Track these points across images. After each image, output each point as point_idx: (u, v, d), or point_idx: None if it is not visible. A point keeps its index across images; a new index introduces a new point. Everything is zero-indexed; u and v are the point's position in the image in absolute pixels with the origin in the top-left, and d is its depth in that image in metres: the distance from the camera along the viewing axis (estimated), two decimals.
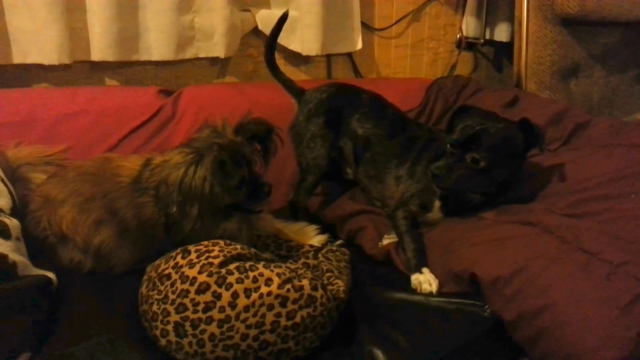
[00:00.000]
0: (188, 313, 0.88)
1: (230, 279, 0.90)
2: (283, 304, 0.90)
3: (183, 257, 0.95)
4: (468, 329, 0.96)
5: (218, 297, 0.89)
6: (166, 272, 0.94)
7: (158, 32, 1.62)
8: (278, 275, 0.92)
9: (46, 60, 1.50)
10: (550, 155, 1.26)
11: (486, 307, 0.97)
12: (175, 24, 1.63)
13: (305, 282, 0.93)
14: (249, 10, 1.80)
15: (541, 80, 1.88)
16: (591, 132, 1.26)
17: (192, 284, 0.90)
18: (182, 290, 0.90)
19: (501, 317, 0.91)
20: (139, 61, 1.65)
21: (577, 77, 1.93)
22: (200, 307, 0.88)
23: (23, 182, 1.25)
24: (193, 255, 0.95)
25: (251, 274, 0.92)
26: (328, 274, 1.04)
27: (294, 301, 0.91)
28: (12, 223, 1.00)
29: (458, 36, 2.13)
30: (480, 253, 0.98)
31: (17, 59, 1.51)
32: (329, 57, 1.96)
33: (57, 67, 1.54)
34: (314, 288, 0.93)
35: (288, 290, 0.91)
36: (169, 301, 0.90)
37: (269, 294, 0.89)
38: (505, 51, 2.18)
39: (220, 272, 0.91)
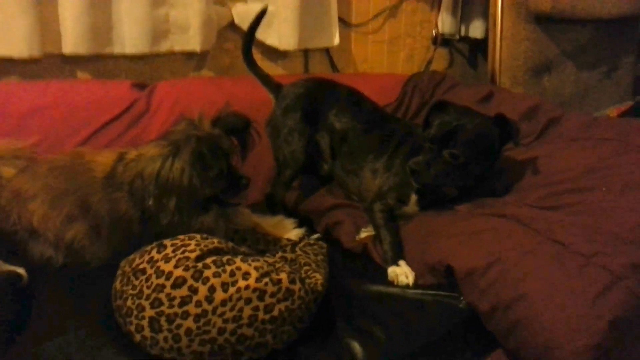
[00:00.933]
0: (163, 308, 0.87)
1: (207, 272, 0.89)
2: (261, 298, 0.89)
3: (158, 252, 0.93)
4: (444, 321, 0.97)
5: (194, 291, 0.87)
6: (141, 266, 0.92)
7: (131, 24, 1.58)
8: (256, 269, 0.92)
9: (15, 53, 1.45)
10: (524, 149, 1.28)
11: (461, 298, 0.98)
12: (150, 16, 1.60)
13: (283, 276, 0.93)
14: (225, 5, 1.78)
15: (515, 76, 1.91)
16: (563, 127, 1.28)
17: (167, 279, 0.88)
18: (157, 284, 0.88)
19: (476, 308, 0.93)
20: (112, 55, 1.62)
21: (549, 73, 1.97)
22: (176, 302, 0.87)
23: None
24: (169, 250, 0.93)
25: (228, 268, 0.91)
26: (306, 268, 1.04)
27: (272, 295, 0.90)
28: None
29: (434, 32, 2.15)
30: (456, 245, 0.99)
31: None
32: (306, 52, 1.96)
33: (27, 60, 1.49)
34: (292, 281, 0.93)
35: (266, 283, 0.90)
36: (144, 296, 0.88)
37: (247, 287, 0.89)
38: (479, 48, 2.21)
39: (197, 266, 0.90)
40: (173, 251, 0.93)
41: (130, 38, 1.60)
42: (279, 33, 1.79)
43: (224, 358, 0.88)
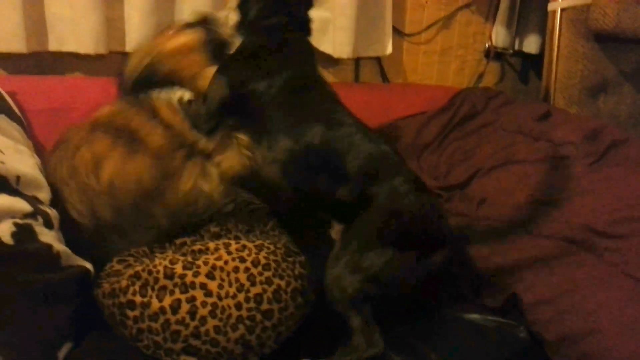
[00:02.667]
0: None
1: None
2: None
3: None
4: (504, 348, 0.96)
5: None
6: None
7: None
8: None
9: (82, 49, 1.50)
10: (586, 170, 1.25)
11: (522, 327, 0.96)
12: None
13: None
14: None
15: (570, 95, 1.87)
16: (629, 151, 1.25)
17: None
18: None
19: (541, 337, 0.91)
20: None
21: (605, 93, 1.92)
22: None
23: None
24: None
25: None
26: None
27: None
28: (53, 213, 0.99)
29: (487, 45, 2.12)
30: (523, 272, 0.98)
31: (53, 46, 1.51)
32: (357, 61, 1.96)
33: (91, 56, 1.53)
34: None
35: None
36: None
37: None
38: (532, 63, 2.17)
39: None
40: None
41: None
42: (333, 41, 1.79)
43: None
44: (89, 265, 1.00)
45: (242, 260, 0.93)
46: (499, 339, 0.98)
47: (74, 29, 1.49)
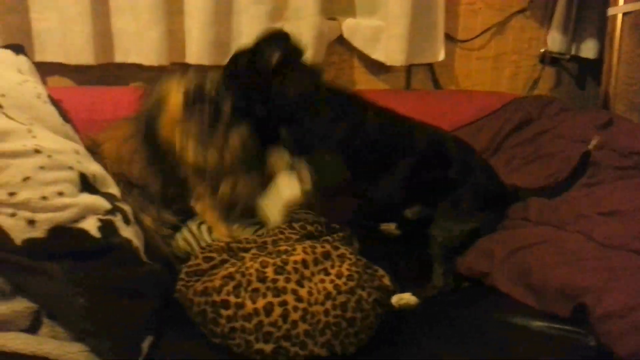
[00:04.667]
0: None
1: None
2: None
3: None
4: (571, 356, 0.94)
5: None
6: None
7: (250, 37, 1.64)
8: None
9: (146, 61, 1.56)
10: None
11: (592, 337, 0.94)
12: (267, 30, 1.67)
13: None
14: (335, 19, 1.82)
15: (631, 102, 1.80)
16: None
17: None
18: None
19: (612, 351, 0.89)
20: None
21: None
22: None
23: None
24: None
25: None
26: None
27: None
28: (128, 209, 1.04)
29: (542, 50, 2.08)
30: (592, 282, 0.95)
31: (119, 58, 1.58)
32: (409, 67, 1.96)
33: (153, 67, 1.60)
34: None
35: None
36: None
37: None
38: (590, 68, 2.11)
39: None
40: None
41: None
42: (386, 48, 1.80)
43: None
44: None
45: (327, 272, 1.00)
46: (566, 347, 0.96)
47: (138, 41, 1.55)
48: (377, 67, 1.92)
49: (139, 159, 1.22)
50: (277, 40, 1.26)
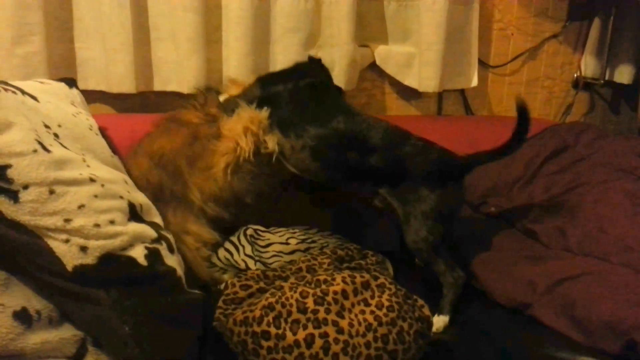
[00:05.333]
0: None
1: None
2: None
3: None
4: None
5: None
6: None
7: (285, 64, 1.68)
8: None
9: (185, 89, 1.60)
10: None
11: None
12: (301, 57, 1.69)
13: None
14: (368, 46, 1.84)
15: None
16: None
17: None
18: None
19: None
20: None
21: None
22: None
23: None
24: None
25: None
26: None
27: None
28: (171, 237, 1.06)
29: (575, 75, 2.07)
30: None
31: (158, 86, 1.62)
32: (440, 93, 1.96)
33: (191, 95, 1.63)
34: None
35: None
36: None
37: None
38: (625, 94, 2.09)
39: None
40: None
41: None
42: (419, 75, 1.81)
43: None
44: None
45: (367, 303, 1.00)
46: None
47: (177, 70, 1.59)
48: (408, 93, 1.94)
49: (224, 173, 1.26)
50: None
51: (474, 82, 1.89)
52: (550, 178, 1.52)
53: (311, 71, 1.42)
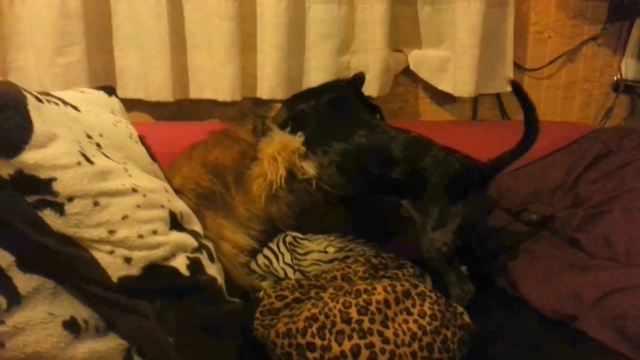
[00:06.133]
0: None
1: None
2: None
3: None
4: None
5: None
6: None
7: (319, 71, 1.68)
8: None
9: (220, 97, 1.61)
10: None
11: None
12: (335, 64, 1.69)
13: None
14: (401, 51, 1.82)
15: None
16: None
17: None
18: None
19: None
20: None
21: None
22: None
23: None
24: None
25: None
26: None
27: None
28: (211, 245, 1.06)
29: (615, 78, 2.01)
30: None
31: (194, 94, 1.64)
32: (475, 97, 1.93)
33: (226, 103, 1.64)
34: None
35: None
36: None
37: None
38: None
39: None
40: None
41: (315, 84, 1.68)
42: (454, 79, 1.78)
43: None
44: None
45: (409, 312, 0.99)
46: None
47: (212, 78, 1.60)
48: (442, 98, 1.91)
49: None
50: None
51: (510, 86, 1.84)
52: (593, 185, 1.47)
53: (335, 87, 1.44)
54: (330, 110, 1.36)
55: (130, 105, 1.59)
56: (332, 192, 1.36)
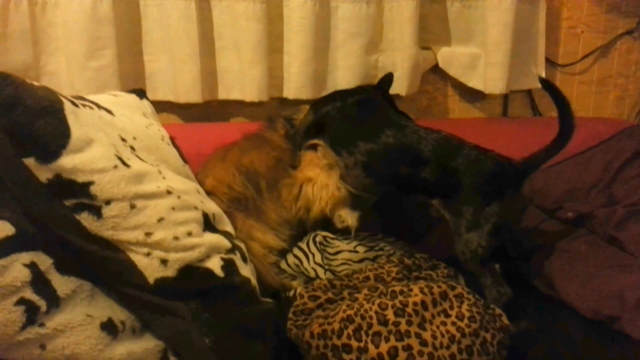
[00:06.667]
0: None
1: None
2: None
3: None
4: None
5: None
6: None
7: (346, 70, 1.66)
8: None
9: (247, 97, 1.61)
10: None
11: None
12: (363, 62, 1.67)
13: None
14: (430, 48, 1.80)
15: None
16: None
17: None
18: None
19: None
20: None
21: None
22: None
23: None
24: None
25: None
26: None
27: None
28: (243, 246, 1.06)
29: None
30: None
31: (222, 95, 1.64)
32: (505, 94, 1.89)
33: (253, 103, 1.64)
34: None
35: None
36: None
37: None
38: None
39: None
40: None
41: (342, 84, 1.67)
42: (484, 76, 1.75)
43: None
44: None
45: (447, 314, 0.97)
46: None
47: (240, 79, 1.60)
48: (472, 95, 1.88)
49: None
50: None
51: (540, 84, 1.80)
52: (631, 182, 1.43)
53: (362, 90, 1.44)
54: (356, 111, 1.34)
55: (159, 107, 1.60)
56: (364, 197, 1.34)
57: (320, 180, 1.32)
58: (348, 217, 1.29)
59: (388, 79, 1.52)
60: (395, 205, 1.48)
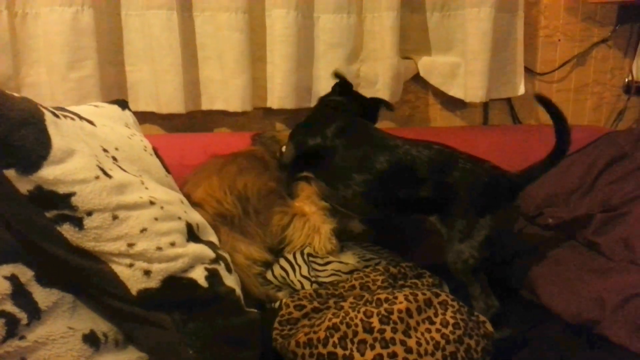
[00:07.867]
0: None
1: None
2: None
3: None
4: None
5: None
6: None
7: (329, 80, 1.67)
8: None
9: (231, 107, 1.61)
10: None
11: None
12: (345, 73, 1.68)
13: None
14: (410, 58, 1.82)
15: None
16: None
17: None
18: None
19: None
20: (305, 108, 1.72)
21: None
22: None
23: None
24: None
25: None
26: None
27: None
28: (228, 256, 1.05)
29: (627, 80, 2.00)
30: None
31: (205, 105, 1.64)
32: (486, 102, 1.92)
33: (237, 113, 1.64)
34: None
35: None
36: None
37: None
38: None
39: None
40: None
41: (326, 93, 1.69)
42: (465, 85, 1.78)
43: None
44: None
45: (431, 321, 0.97)
46: None
47: (223, 89, 1.61)
48: (453, 104, 1.91)
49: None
50: None
51: (521, 90, 1.84)
52: (609, 187, 1.46)
53: (336, 108, 1.42)
54: (340, 142, 1.28)
55: (142, 118, 1.59)
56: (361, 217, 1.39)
57: (313, 220, 1.34)
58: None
59: (342, 82, 1.50)
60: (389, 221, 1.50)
